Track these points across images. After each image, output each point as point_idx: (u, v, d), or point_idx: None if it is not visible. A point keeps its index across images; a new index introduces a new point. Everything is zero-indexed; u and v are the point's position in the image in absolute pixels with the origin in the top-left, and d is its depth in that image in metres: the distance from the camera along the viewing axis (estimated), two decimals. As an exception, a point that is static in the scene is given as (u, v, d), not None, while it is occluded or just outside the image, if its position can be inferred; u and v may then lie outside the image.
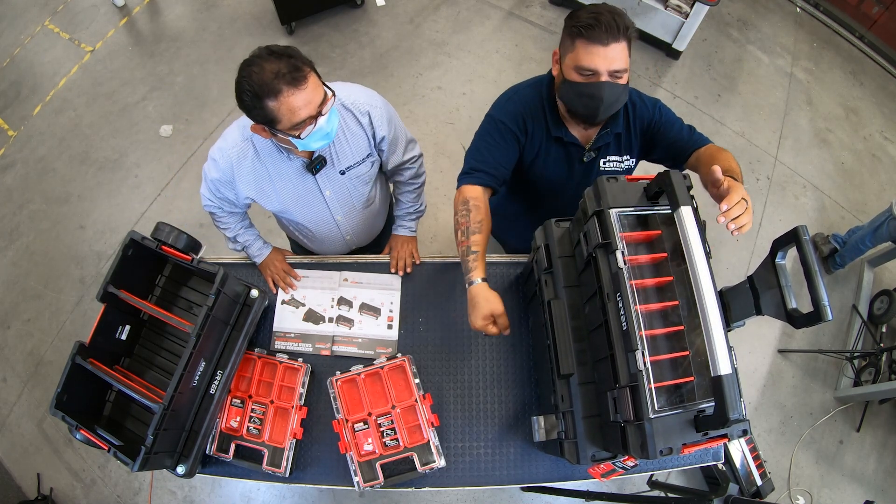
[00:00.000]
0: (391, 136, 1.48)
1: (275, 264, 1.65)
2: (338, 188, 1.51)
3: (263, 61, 1.14)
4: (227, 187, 1.44)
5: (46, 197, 3.25)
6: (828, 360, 2.94)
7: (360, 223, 1.70)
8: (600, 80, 1.23)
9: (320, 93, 1.22)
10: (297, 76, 1.15)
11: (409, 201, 1.72)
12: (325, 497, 2.57)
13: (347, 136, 1.42)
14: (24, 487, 2.61)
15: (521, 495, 2.56)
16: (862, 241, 2.85)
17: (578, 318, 1.22)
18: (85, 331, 1.49)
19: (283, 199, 1.47)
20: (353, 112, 1.40)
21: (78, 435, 1.30)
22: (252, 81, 1.14)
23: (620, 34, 1.18)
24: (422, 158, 1.67)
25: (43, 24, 3.87)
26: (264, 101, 1.15)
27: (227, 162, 1.38)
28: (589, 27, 1.17)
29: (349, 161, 1.45)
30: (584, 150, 1.42)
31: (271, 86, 1.13)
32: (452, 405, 1.55)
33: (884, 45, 3.91)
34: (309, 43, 3.67)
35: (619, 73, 1.22)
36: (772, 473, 2.59)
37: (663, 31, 3.57)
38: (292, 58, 1.16)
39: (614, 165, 1.46)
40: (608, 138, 1.40)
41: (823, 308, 0.92)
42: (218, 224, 1.61)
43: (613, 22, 1.16)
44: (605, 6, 1.20)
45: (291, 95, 1.15)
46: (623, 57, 1.21)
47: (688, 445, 0.99)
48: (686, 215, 0.99)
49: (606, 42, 1.18)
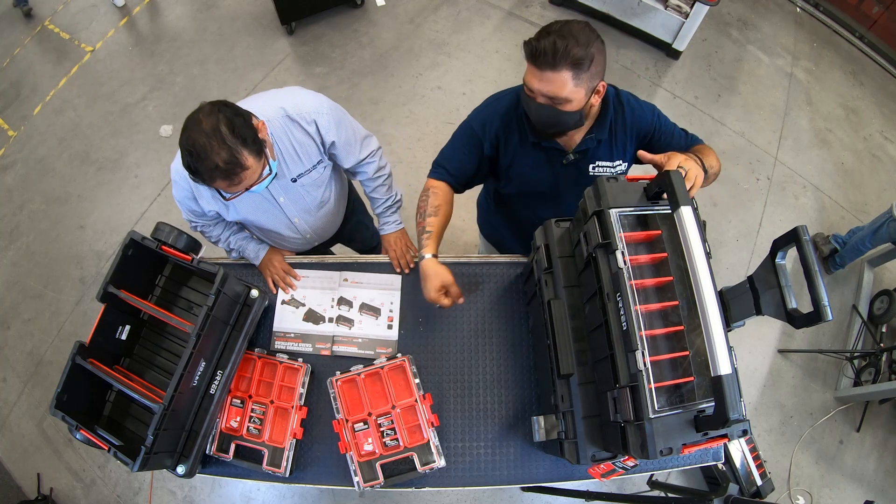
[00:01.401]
0: (342, 140, 1.50)
1: (274, 264, 1.66)
2: (291, 195, 1.54)
3: (207, 142, 1.15)
4: (193, 202, 1.47)
5: (46, 197, 3.25)
6: (828, 360, 2.94)
7: (317, 222, 1.73)
8: (537, 100, 1.24)
9: (256, 175, 1.26)
10: (232, 174, 1.19)
11: (382, 195, 1.72)
12: (325, 497, 2.57)
13: (295, 147, 1.43)
14: (24, 487, 2.61)
15: (521, 495, 2.56)
16: (862, 243, 2.85)
17: (578, 318, 1.22)
18: (85, 331, 1.49)
19: (241, 210, 1.51)
20: (300, 122, 1.41)
21: (78, 435, 1.30)
22: (190, 160, 1.17)
23: (558, 64, 1.15)
24: (381, 150, 1.68)
25: (43, 24, 3.87)
26: (198, 179, 1.23)
27: (184, 180, 1.41)
28: (531, 49, 1.17)
29: (300, 169, 1.48)
30: (565, 154, 1.42)
31: (206, 175, 1.19)
32: (452, 405, 1.55)
33: (884, 45, 3.91)
34: (309, 43, 3.67)
35: (558, 100, 1.21)
36: (772, 473, 2.59)
37: (663, 31, 3.57)
38: (236, 149, 1.17)
39: (604, 170, 1.45)
40: (590, 143, 1.39)
41: (823, 308, 0.92)
42: (209, 239, 1.65)
43: (552, 50, 1.13)
44: (560, 29, 1.16)
45: (226, 186, 1.23)
46: (560, 86, 1.18)
47: (688, 445, 0.99)
48: (686, 215, 0.99)
49: (542, 68, 1.18)
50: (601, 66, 1.21)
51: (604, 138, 1.39)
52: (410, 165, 3.25)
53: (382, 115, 3.41)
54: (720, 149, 3.44)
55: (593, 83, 1.23)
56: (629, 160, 1.46)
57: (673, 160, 1.17)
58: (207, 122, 1.16)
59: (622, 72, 3.63)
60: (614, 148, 1.42)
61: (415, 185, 2.99)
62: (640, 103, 1.42)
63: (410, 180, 3.12)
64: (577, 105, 1.24)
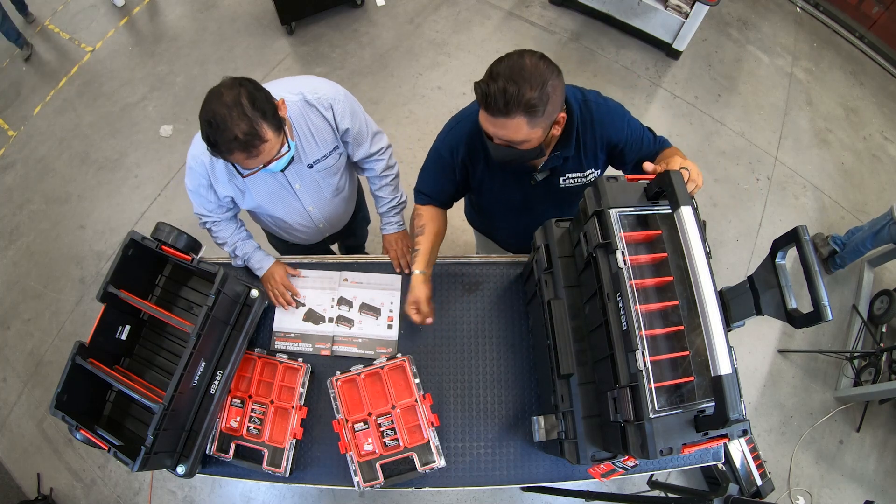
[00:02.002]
0: (355, 129, 1.51)
1: (275, 278, 1.63)
2: (307, 181, 1.55)
3: (227, 112, 1.15)
4: (208, 191, 1.46)
5: (46, 197, 3.25)
6: (828, 360, 2.93)
7: (332, 211, 1.73)
8: (494, 142, 1.22)
9: (275, 150, 1.26)
10: (251, 146, 1.19)
11: (388, 195, 1.73)
12: (325, 497, 2.57)
13: (313, 132, 1.44)
14: (24, 487, 2.61)
15: (521, 495, 2.56)
16: (862, 244, 2.85)
17: (578, 318, 1.22)
18: (85, 331, 1.49)
19: (256, 196, 1.51)
20: (317, 107, 1.42)
21: (78, 435, 1.30)
22: (209, 131, 1.17)
23: (511, 111, 1.10)
24: (390, 150, 1.69)
25: (43, 24, 3.87)
26: (216, 152, 1.21)
27: (201, 166, 1.40)
28: (481, 95, 1.13)
29: (316, 155, 1.48)
30: (534, 172, 1.39)
31: (225, 146, 1.18)
32: (452, 405, 1.55)
33: (884, 45, 3.91)
34: (309, 43, 3.68)
35: (514, 142, 1.18)
36: (772, 473, 2.59)
37: (663, 31, 3.57)
38: (256, 121, 1.17)
39: (576, 181, 1.43)
40: (557, 161, 1.36)
41: (823, 308, 0.92)
42: (216, 239, 1.63)
43: (503, 98, 1.09)
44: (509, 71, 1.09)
45: (243, 160, 1.22)
46: (514, 131, 1.14)
47: (688, 445, 0.99)
48: (686, 215, 0.99)
49: (494, 115, 1.13)
50: (559, 100, 1.16)
51: (570, 154, 1.36)
52: (410, 165, 3.25)
53: (382, 115, 3.41)
54: (720, 149, 3.45)
55: (551, 119, 1.18)
56: (601, 167, 1.43)
57: (674, 162, 1.17)
58: (228, 94, 1.16)
59: (622, 72, 3.63)
60: (583, 159, 1.38)
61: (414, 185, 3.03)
62: (609, 110, 1.36)
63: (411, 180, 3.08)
64: (536, 142, 1.21)
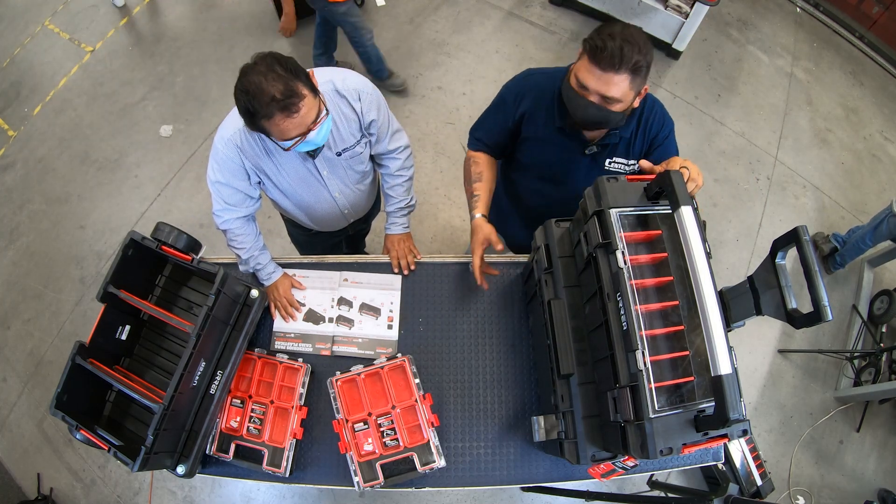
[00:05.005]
0: (380, 122, 1.53)
1: (279, 290, 1.63)
2: (334, 168, 1.57)
3: (262, 78, 1.16)
4: (236, 176, 1.44)
5: (46, 197, 3.25)
6: (828, 360, 2.93)
7: (356, 197, 1.75)
8: (588, 98, 1.26)
9: (313, 114, 1.25)
10: (290, 104, 1.18)
11: (400, 195, 1.72)
12: (325, 497, 2.57)
13: (342, 121, 1.46)
14: (24, 487, 2.61)
15: (521, 495, 2.56)
16: (862, 240, 2.85)
17: (578, 318, 1.22)
18: (85, 331, 1.49)
19: (285, 182, 1.52)
20: (347, 98, 1.44)
21: (78, 435, 1.30)
22: (247, 99, 1.17)
23: (622, 67, 1.18)
24: (409, 150, 1.69)
25: (43, 24, 3.87)
26: (257, 119, 1.20)
27: (232, 149, 1.40)
28: (594, 49, 1.19)
29: (345, 144, 1.51)
30: (588, 144, 1.45)
31: (264, 110, 1.18)
32: (452, 405, 1.55)
33: (884, 45, 3.91)
34: (309, 43, 3.66)
35: (611, 100, 1.25)
36: (772, 473, 2.59)
37: (663, 31, 3.57)
38: (291, 80, 1.18)
39: (620, 167, 1.48)
40: (614, 139, 1.43)
41: (823, 308, 0.92)
42: (233, 243, 1.56)
43: (619, 54, 1.17)
44: (623, 33, 1.18)
45: (283, 121, 1.21)
46: (619, 88, 1.22)
47: (688, 445, 0.99)
48: (686, 215, 0.99)
49: (604, 69, 1.20)
50: (647, 75, 1.26)
51: (626, 137, 1.42)
52: (410, 165, 3.26)
53: (382, 115, 3.41)
54: (720, 149, 3.45)
55: (640, 87, 1.27)
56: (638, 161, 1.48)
57: (674, 161, 1.18)
58: (261, 64, 1.18)
59: (622, 72, 3.63)
60: (632, 148, 1.45)
61: (416, 185, 3.04)
62: (665, 116, 1.45)
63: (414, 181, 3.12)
64: (625, 106, 1.28)
